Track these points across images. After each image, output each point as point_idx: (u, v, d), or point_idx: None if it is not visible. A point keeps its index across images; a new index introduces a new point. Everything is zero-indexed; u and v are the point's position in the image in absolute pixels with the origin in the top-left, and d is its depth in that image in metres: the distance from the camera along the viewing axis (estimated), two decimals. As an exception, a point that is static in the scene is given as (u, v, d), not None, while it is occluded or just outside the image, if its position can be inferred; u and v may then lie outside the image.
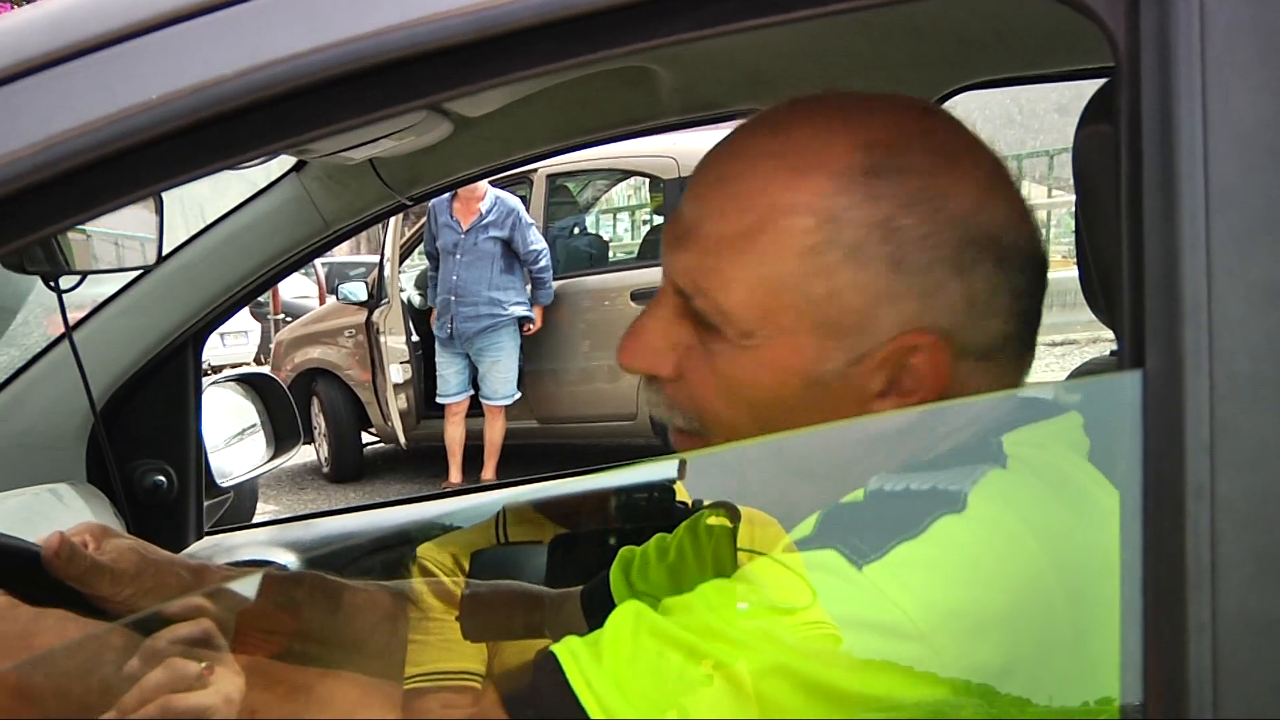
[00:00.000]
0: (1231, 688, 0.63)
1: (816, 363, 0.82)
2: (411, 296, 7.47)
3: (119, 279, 1.84)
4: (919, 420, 0.83)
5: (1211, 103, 0.64)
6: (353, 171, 1.73)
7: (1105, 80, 0.88)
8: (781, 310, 0.81)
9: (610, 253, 8.34)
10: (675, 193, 6.70)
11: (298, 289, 13.81)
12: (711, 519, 1.20)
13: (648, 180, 7.81)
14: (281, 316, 11.84)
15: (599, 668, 0.73)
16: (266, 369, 9.29)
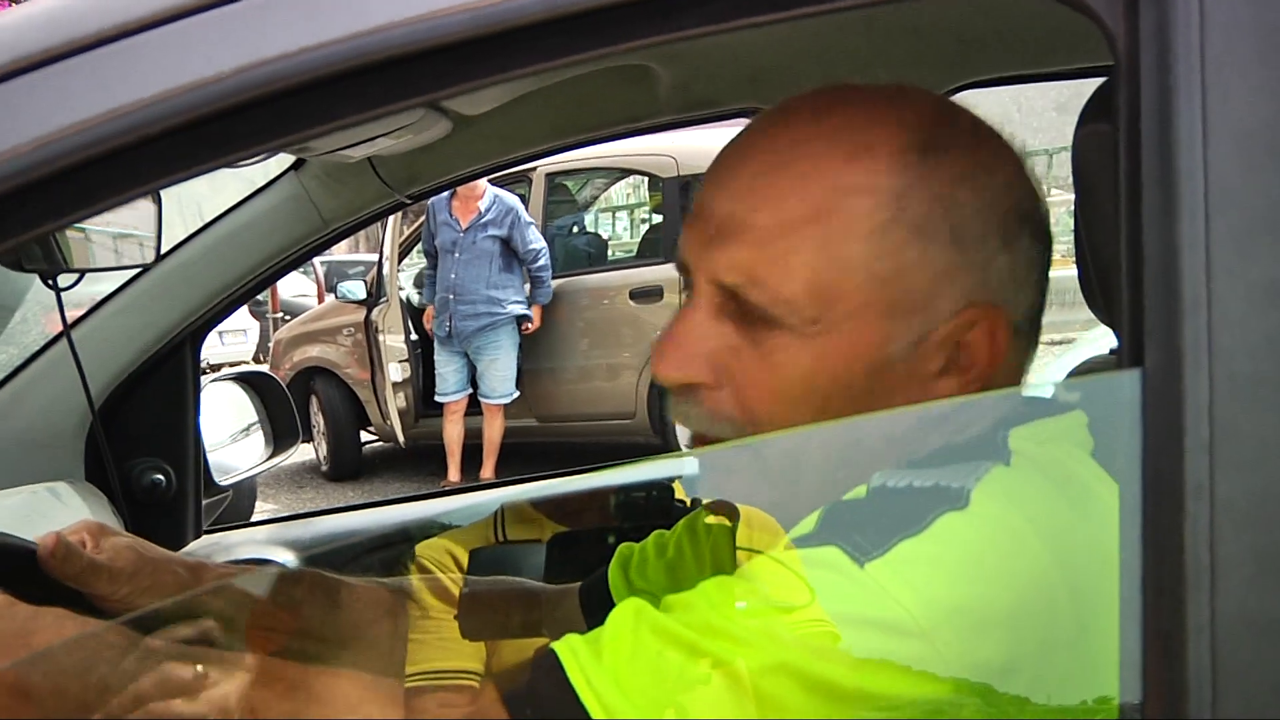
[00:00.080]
0: (1230, 687, 0.63)
1: (883, 345, 0.81)
2: (410, 295, 7.47)
3: (117, 277, 1.84)
4: (923, 416, 0.83)
5: (1211, 101, 0.64)
6: (351, 170, 1.73)
7: (1104, 79, 0.88)
8: (849, 293, 0.80)
9: (609, 251, 8.34)
10: (674, 191, 6.69)
11: (296, 287, 13.81)
12: (710, 518, 1.20)
13: (647, 179, 7.80)
14: (280, 315, 11.83)
15: (599, 666, 0.72)
16: (265, 367, 9.28)
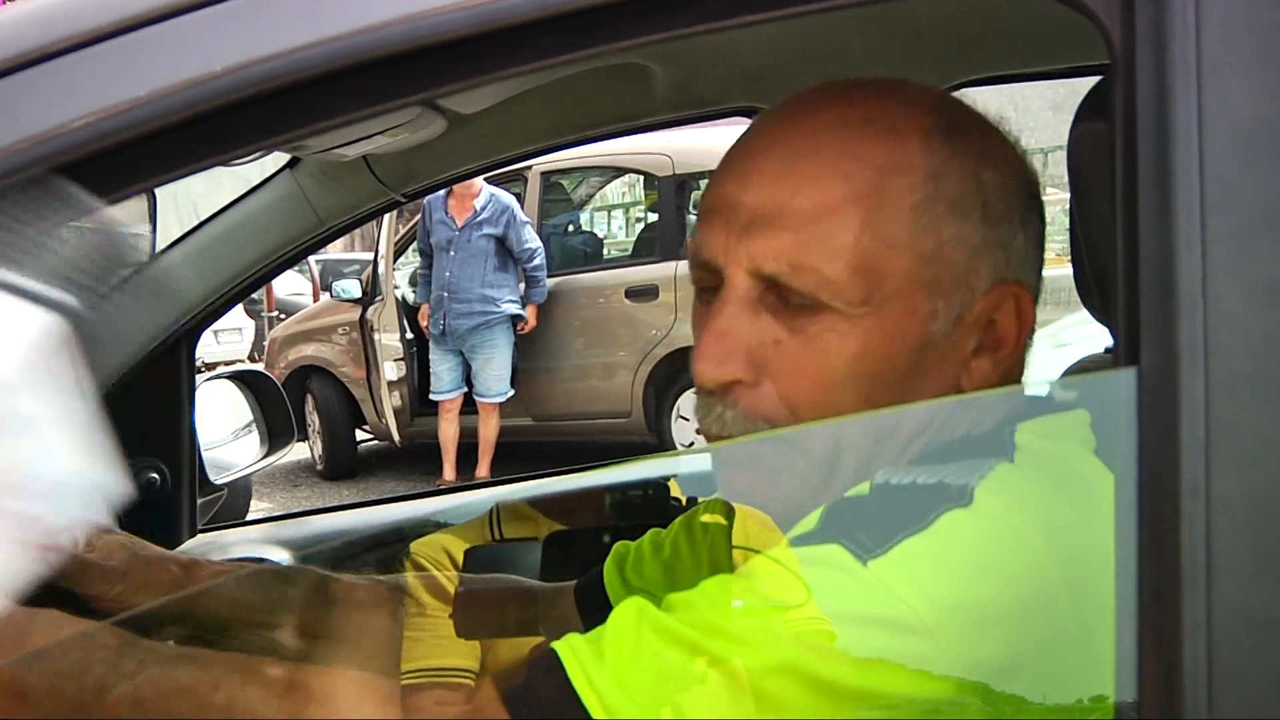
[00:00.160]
0: (1226, 686, 0.63)
1: (928, 323, 0.82)
2: (405, 293, 7.46)
3: (112, 275, 1.83)
4: (925, 413, 0.83)
5: (1207, 99, 0.64)
6: (347, 168, 1.73)
7: (1100, 77, 0.88)
8: (894, 271, 0.81)
9: (605, 250, 8.33)
10: (669, 190, 6.69)
11: (292, 286, 13.79)
12: (706, 516, 1.20)
13: (642, 177, 7.80)
14: (276, 313, 11.83)
15: (601, 666, 0.72)
16: (260, 366, 9.28)
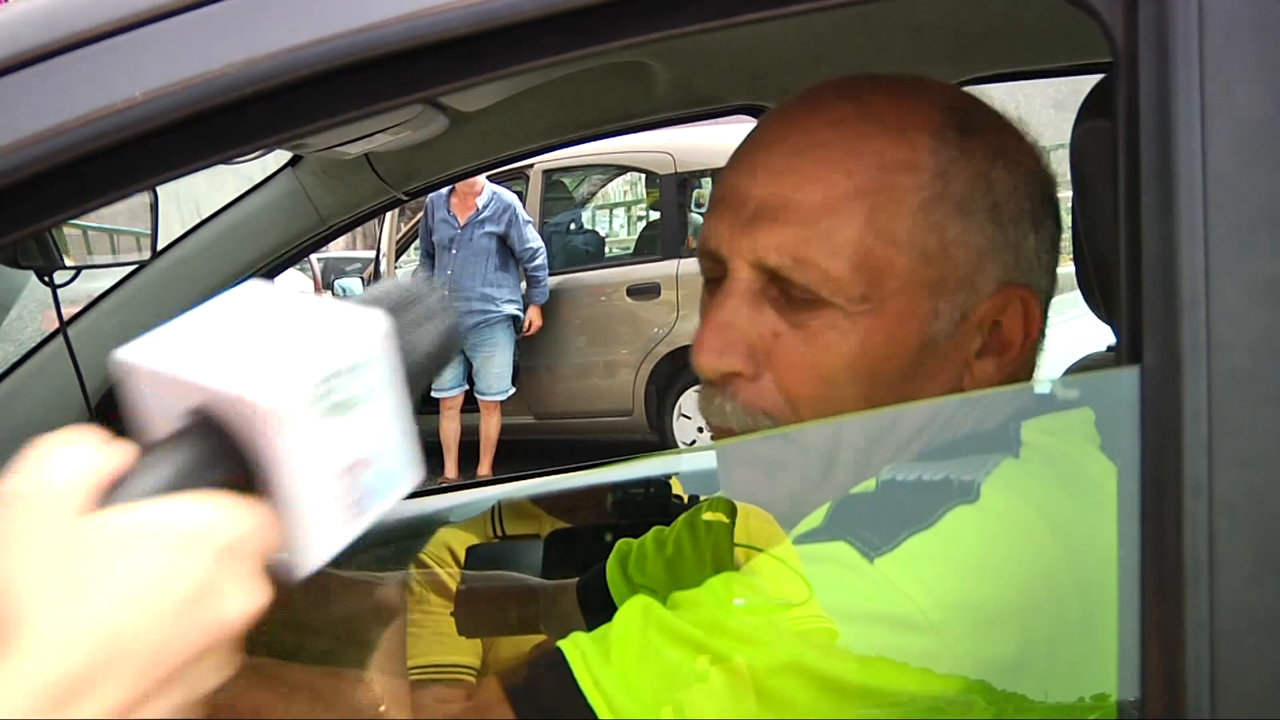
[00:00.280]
0: (1229, 684, 0.62)
1: (928, 322, 0.81)
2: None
3: (113, 274, 1.83)
4: (931, 412, 0.83)
5: (1210, 98, 0.64)
6: (348, 166, 1.73)
7: (1102, 75, 0.88)
8: (896, 269, 0.80)
9: (606, 248, 8.33)
10: (671, 188, 6.69)
11: (293, 284, 13.79)
12: (708, 514, 1.19)
13: (644, 175, 7.80)
14: (277, 311, 11.78)
15: (606, 666, 0.72)
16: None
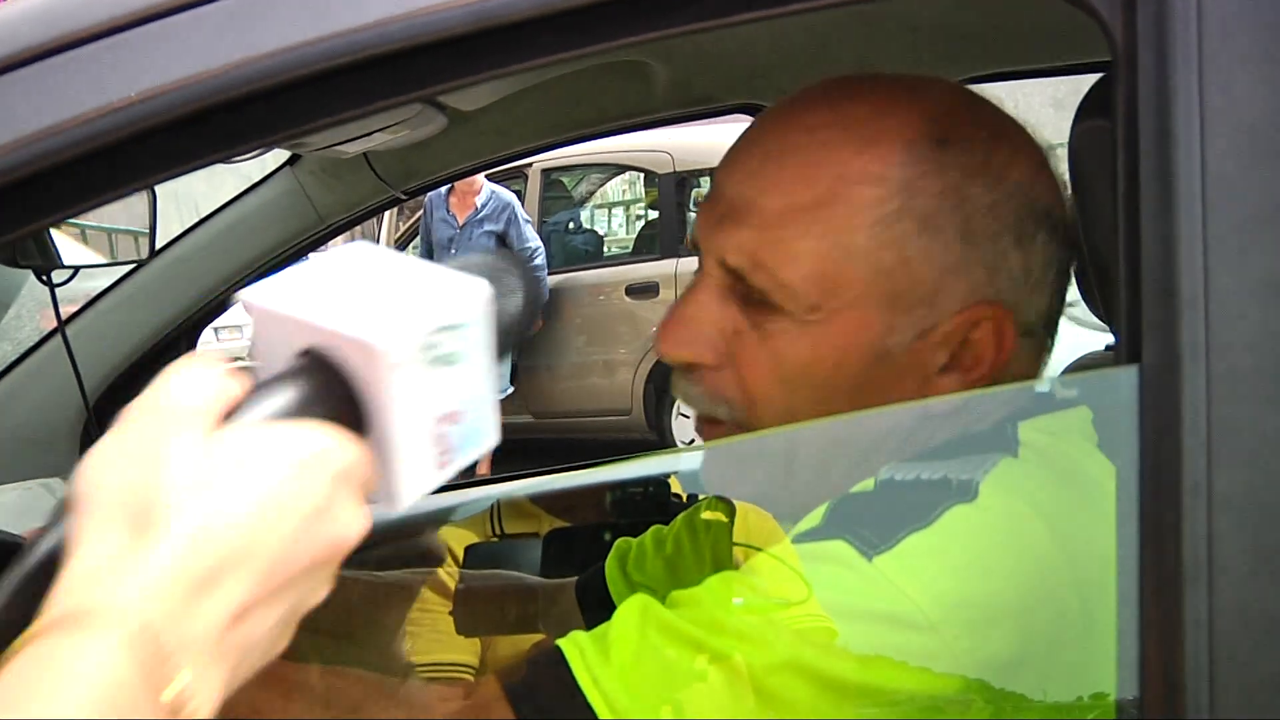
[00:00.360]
0: (1228, 683, 0.62)
1: (883, 337, 0.80)
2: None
3: (112, 273, 1.83)
4: (930, 411, 0.82)
5: (1209, 96, 0.64)
6: (347, 165, 1.73)
7: (1101, 75, 0.87)
8: (850, 282, 0.79)
9: (605, 247, 8.33)
10: (670, 187, 6.68)
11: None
12: (707, 513, 1.19)
13: (643, 175, 7.78)
14: (275, 311, 11.77)
15: (606, 665, 0.71)
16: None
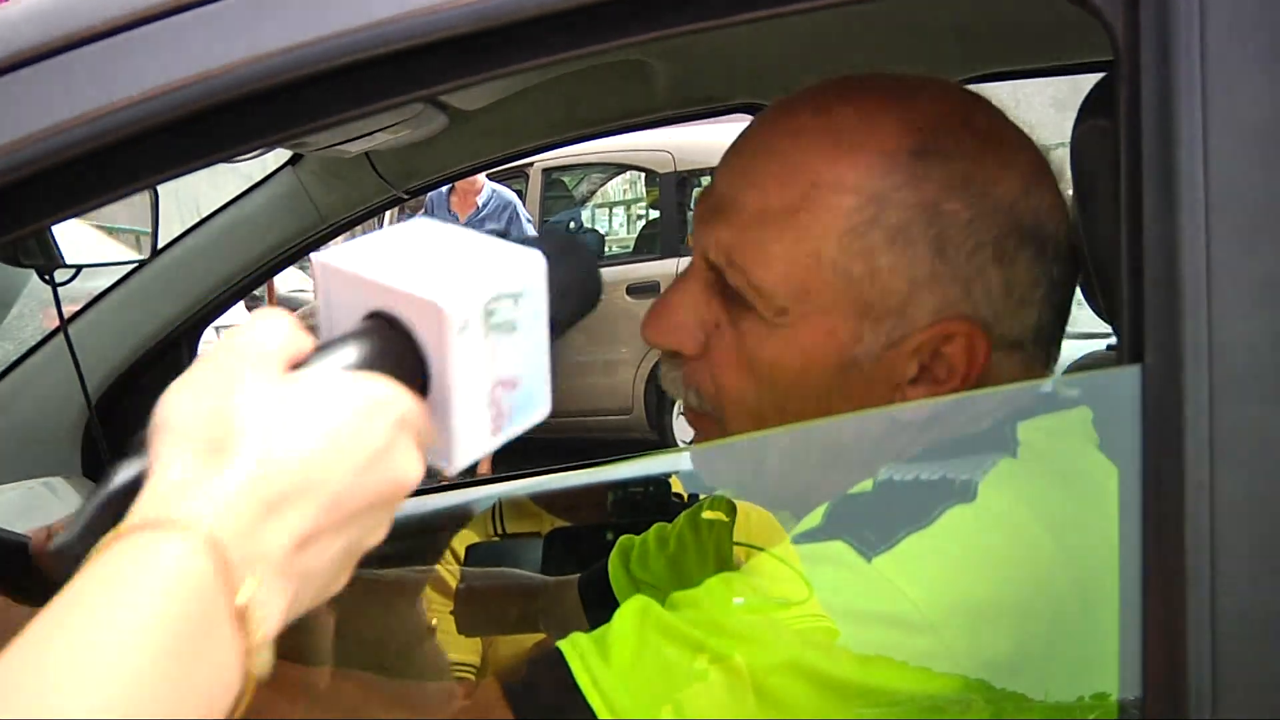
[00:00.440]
0: (1230, 684, 0.62)
1: (850, 345, 0.80)
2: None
3: (114, 272, 1.83)
4: (929, 412, 0.82)
5: (1212, 96, 0.64)
6: (348, 165, 1.73)
7: (1103, 74, 0.87)
8: (819, 289, 0.80)
9: (606, 247, 8.33)
10: (671, 187, 6.68)
11: (293, 282, 13.76)
12: (708, 513, 1.19)
13: (643, 174, 7.78)
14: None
15: (606, 666, 0.72)
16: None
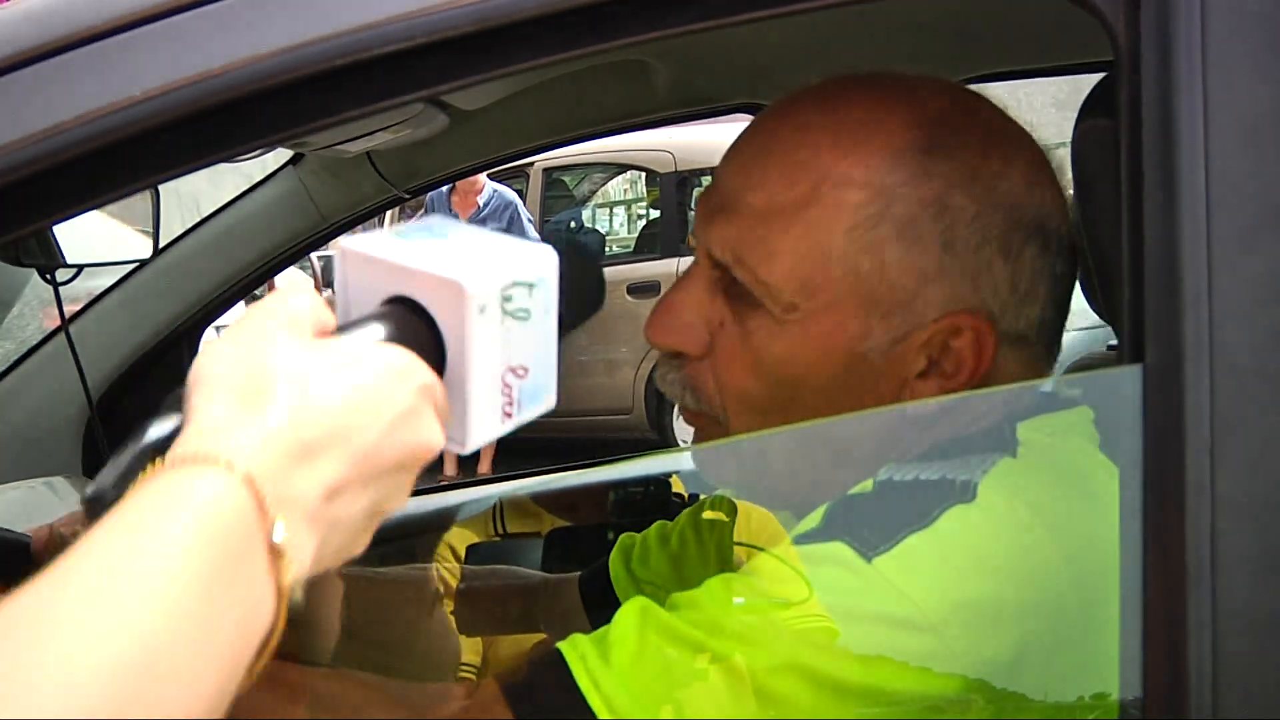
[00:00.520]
0: (1231, 685, 0.62)
1: (859, 340, 0.80)
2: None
3: (115, 272, 1.83)
4: (930, 411, 0.82)
5: (1212, 96, 0.64)
6: (349, 165, 1.73)
7: (1104, 74, 0.87)
8: (827, 284, 0.80)
9: (606, 246, 8.32)
10: (671, 187, 6.69)
11: (294, 281, 13.80)
12: (709, 513, 1.19)
13: (644, 174, 7.78)
14: (277, 310, 11.78)
15: (606, 668, 0.72)
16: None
